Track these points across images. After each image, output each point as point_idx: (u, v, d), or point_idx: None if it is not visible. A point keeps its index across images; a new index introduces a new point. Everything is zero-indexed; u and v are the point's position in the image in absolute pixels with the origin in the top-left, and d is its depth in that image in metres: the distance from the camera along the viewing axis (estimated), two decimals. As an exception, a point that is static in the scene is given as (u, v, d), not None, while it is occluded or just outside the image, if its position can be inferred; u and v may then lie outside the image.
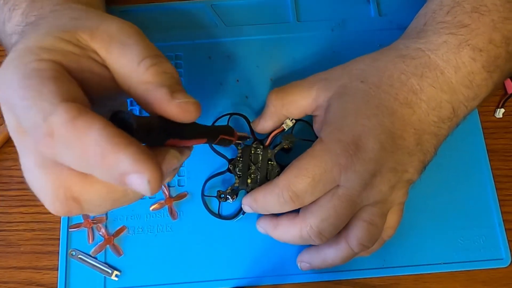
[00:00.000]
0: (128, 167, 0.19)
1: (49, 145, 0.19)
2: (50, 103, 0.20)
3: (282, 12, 0.43)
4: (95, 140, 0.19)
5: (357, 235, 0.31)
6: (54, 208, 0.22)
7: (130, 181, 0.20)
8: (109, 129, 0.19)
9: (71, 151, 0.20)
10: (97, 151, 0.19)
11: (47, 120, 0.19)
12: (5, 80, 0.22)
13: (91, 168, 0.20)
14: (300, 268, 0.35)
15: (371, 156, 0.29)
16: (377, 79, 0.31)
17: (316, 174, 0.30)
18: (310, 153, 0.31)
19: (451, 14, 0.32)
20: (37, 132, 0.20)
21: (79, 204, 0.22)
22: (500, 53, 0.31)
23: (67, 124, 0.19)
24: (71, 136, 0.19)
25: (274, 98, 0.34)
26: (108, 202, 0.23)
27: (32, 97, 0.20)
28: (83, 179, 0.21)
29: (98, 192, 0.22)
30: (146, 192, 0.20)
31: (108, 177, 0.20)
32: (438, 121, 0.31)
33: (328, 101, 0.32)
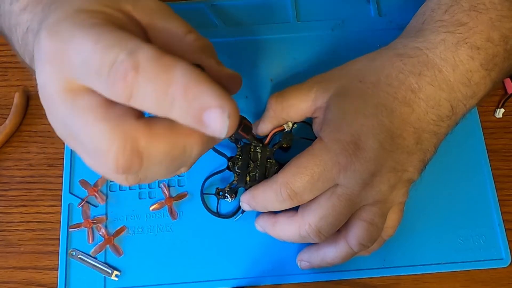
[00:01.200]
0: (210, 100, 0.19)
1: (131, 80, 0.19)
2: (134, 43, 0.19)
3: (282, 12, 0.43)
4: (181, 73, 0.19)
5: (356, 234, 0.31)
6: (116, 163, 0.21)
7: (208, 117, 0.19)
8: (194, 67, 0.20)
9: (153, 85, 0.19)
10: (182, 83, 0.19)
11: (134, 54, 0.19)
12: (61, 35, 0.21)
13: (169, 104, 0.19)
14: (299, 267, 0.36)
15: (370, 155, 0.30)
16: (375, 79, 0.31)
17: (315, 172, 0.30)
18: (309, 152, 0.31)
19: (449, 13, 0.32)
20: (118, 69, 0.19)
21: (141, 159, 0.21)
22: (498, 51, 0.31)
23: (155, 58, 0.19)
24: (157, 69, 0.19)
25: (273, 102, 0.34)
26: (168, 159, 0.22)
27: (111, 38, 0.20)
28: (149, 131, 0.21)
29: (161, 146, 0.21)
30: (222, 129, 0.19)
31: (186, 112, 0.19)
32: (437, 120, 0.31)
33: (327, 103, 0.32)
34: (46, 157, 0.39)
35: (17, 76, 0.41)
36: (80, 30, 0.20)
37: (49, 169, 0.39)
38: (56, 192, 0.38)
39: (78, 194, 0.38)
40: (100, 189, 0.38)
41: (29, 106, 0.41)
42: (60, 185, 0.38)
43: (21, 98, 0.40)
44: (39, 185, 0.39)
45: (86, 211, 0.37)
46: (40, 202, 0.38)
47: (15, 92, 0.40)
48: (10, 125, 0.39)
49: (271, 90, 0.40)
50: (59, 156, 0.39)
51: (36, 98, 0.41)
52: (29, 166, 0.39)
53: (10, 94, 0.40)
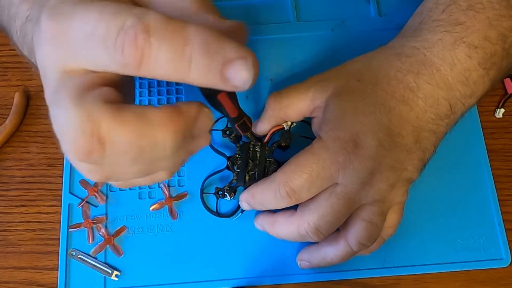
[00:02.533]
0: (232, 52, 0.19)
1: (142, 44, 0.18)
2: (140, 9, 0.19)
3: (282, 12, 0.43)
4: (196, 31, 0.19)
5: (356, 234, 0.31)
6: (75, 146, 0.20)
7: (231, 71, 0.19)
8: (206, 26, 0.19)
9: (167, 46, 0.18)
10: (200, 40, 0.18)
11: (142, 18, 0.18)
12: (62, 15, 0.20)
13: (187, 65, 0.19)
14: (299, 266, 0.36)
15: (369, 154, 0.30)
16: (373, 78, 0.31)
17: (313, 170, 0.30)
18: (308, 150, 0.31)
19: (447, 12, 0.32)
20: (127, 33, 0.18)
21: (102, 145, 0.19)
22: (496, 50, 0.31)
23: (165, 19, 0.19)
24: (170, 29, 0.18)
25: (272, 102, 0.34)
26: (134, 149, 0.20)
27: (116, 6, 0.19)
28: (114, 115, 0.19)
29: (127, 133, 0.20)
30: (246, 79, 0.19)
31: (208, 70, 0.19)
32: (436, 118, 0.31)
33: (325, 102, 0.32)
34: (46, 157, 0.39)
35: (17, 76, 0.41)
36: (82, 5, 0.20)
37: (49, 169, 0.39)
38: (56, 192, 0.38)
39: (78, 194, 0.38)
40: (100, 189, 0.38)
41: (29, 106, 0.41)
42: (60, 185, 0.38)
43: (21, 98, 0.40)
44: (39, 185, 0.39)
45: (86, 211, 0.37)
46: (40, 202, 0.38)
47: (15, 92, 0.40)
48: (10, 125, 0.39)
49: (271, 90, 0.40)
50: (59, 156, 0.39)
51: (36, 98, 0.41)
52: (29, 166, 0.39)
53: (10, 94, 0.40)
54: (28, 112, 0.41)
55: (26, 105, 0.40)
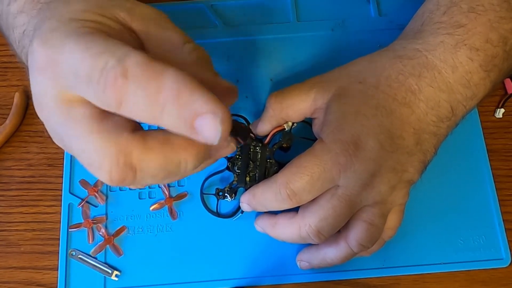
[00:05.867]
0: (202, 105, 0.19)
1: (120, 87, 0.19)
2: (122, 49, 0.19)
3: (282, 12, 0.43)
4: (171, 80, 0.19)
5: (356, 235, 0.31)
6: (109, 176, 0.21)
7: (200, 124, 0.19)
8: (184, 73, 0.19)
9: (143, 92, 0.19)
10: (172, 89, 0.19)
11: (123, 60, 0.19)
12: (52, 44, 0.21)
13: (160, 111, 0.19)
14: (299, 266, 0.36)
15: (370, 156, 0.30)
16: (375, 80, 0.31)
17: (314, 172, 0.30)
18: (309, 152, 0.31)
19: (448, 14, 0.32)
20: (108, 75, 0.19)
21: (134, 172, 0.21)
22: (497, 52, 0.31)
23: (144, 64, 0.19)
24: (147, 75, 0.19)
25: (273, 102, 0.34)
26: (162, 173, 0.22)
27: (100, 45, 0.20)
28: (142, 145, 0.21)
29: (156, 160, 0.21)
30: (214, 136, 0.19)
31: (177, 119, 0.19)
32: (437, 121, 0.31)
33: (326, 103, 0.32)
34: (46, 157, 0.39)
35: (17, 76, 0.41)
36: (70, 39, 0.20)
37: (49, 169, 0.39)
38: (56, 192, 0.38)
39: (78, 194, 0.38)
40: (100, 189, 0.38)
41: (29, 106, 0.41)
42: (60, 185, 0.38)
43: (21, 98, 0.40)
44: (39, 185, 0.39)
45: (86, 211, 0.37)
46: (40, 202, 0.38)
47: (15, 92, 0.40)
48: (10, 125, 0.39)
49: (271, 90, 0.40)
50: (59, 156, 0.39)
51: (36, 98, 0.41)
52: (29, 166, 0.39)
53: (10, 94, 0.40)
54: (28, 112, 0.41)
55: (26, 105, 0.40)
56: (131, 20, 0.24)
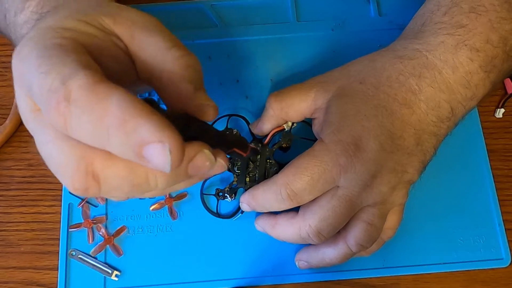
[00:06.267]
0: (148, 134, 0.18)
1: (63, 110, 0.18)
2: (70, 69, 0.19)
3: (282, 12, 0.43)
4: (116, 105, 0.18)
5: (355, 235, 0.31)
6: (72, 183, 0.20)
7: (149, 153, 0.18)
8: (130, 97, 0.18)
9: (86, 117, 0.18)
10: (117, 115, 0.18)
11: (66, 83, 0.18)
12: (22, 55, 0.21)
13: (105, 136, 0.18)
14: (298, 266, 0.36)
15: (370, 157, 0.30)
16: (375, 80, 0.31)
17: (315, 173, 0.30)
18: (310, 153, 0.31)
19: (449, 15, 0.32)
20: (51, 98, 0.18)
21: (97, 182, 0.20)
22: (497, 53, 0.31)
23: (87, 87, 0.18)
24: (90, 99, 0.18)
25: (273, 101, 0.34)
26: (127, 185, 0.21)
27: (51, 64, 0.19)
28: (104, 154, 0.20)
29: (119, 171, 0.20)
30: (164, 166, 0.18)
31: (124, 147, 0.18)
32: (437, 121, 0.31)
33: (327, 103, 0.32)
34: (46, 157, 0.39)
35: (17, 76, 0.41)
36: (35, 52, 0.20)
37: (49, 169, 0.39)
38: (56, 192, 0.38)
39: (78, 194, 0.38)
40: (100, 189, 0.38)
41: (29, 106, 0.41)
42: (60, 185, 0.38)
43: (21, 98, 0.40)
44: (39, 185, 0.39)
45: (86, 211, 0.37)
46: (40, 202, 0.38)
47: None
48: (10, 125, 0.39)
49: (271, 90, 0.40)
50: (59, 156, 0.39)
51: (36, 98, 0.41)
52: (29, 166, 0.39)
53: (10, 94, 0.40)
54: (28, 112, 0.41)
55: (26, 105, 0.40)
56: (115, 25, 0.23)
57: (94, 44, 0.22)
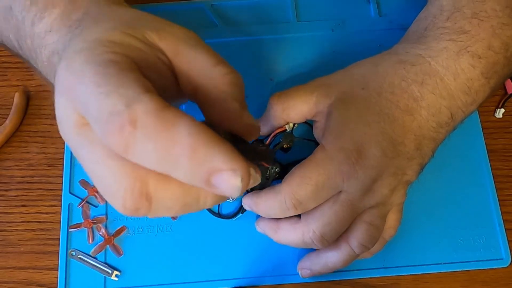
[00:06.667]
0: (220, 163, 0.18)
1: (127, 135, 0.17)
2: (134, 92, 0.18)
3: (282, 12, 0.43)
4: (185, 133, 0.18)
5: (358, 236, 0.31)
6: (123, 204, 0.20)
7: (218, 180, 0.18)
8: (200, 125, 0.18)
9: (153, 144, 0.18)
10: (187, 144, 0.17)
11: (131, 107, 0.18)
12: (75, 69, 0.20)
13: (172, 164, 0.18)
14: (301, 275, 0.35)
15: (372, 163, 0.30)
16: (378, 86, 0.31)
17: (319, 182, 0.30)
18: (312, 161, 0.30)
19: (452, 20, 0.32)
20: (114, 121, 0.18)
21: (149, 202, 0.20)
22: (498, 59, 0.31)
23: (155, 113, 0.18)
24: (158, 126, 0.17)
25: (275, 103, 0.34)
26: (178, 205, 0.21)
27: (112, 84, 0.19)
28: (159, 175, 0.19)
29: (173, 192, 0.20)
30: (234, 192, 0.18)
31: (192, 175, 0.18)
32: (437, 127, 0.31)
33: (328, 108, 0.32)
34: (46, 157, 0.39)
35: (17, 76, 0.41)
36: (89, 67, 0.20)
37: (49, 169, 0.39)
38: (56, 192, 0.38)
39: (78, 194, 0.38)
40: (100, 189, 0.38)
41: (29, 106, 0.41)
42: (60, 185, 0.38)
43: (21, 98, 0.40)
44: (39, 185, 0.39)
45: (86, 211, 0.37)
46: (40, 202, 0.38)
47: (15, 92, 0.40)
48: (10, 125, 0.39)
49: (271, 90, 0.40)
50: (59, 156, 0.39)
51: (36, 98, 0.41)
52: (29, 166, 0.39)
53: (10, 94, 0.40)
54: (28, 112, 0.41)
55: (26, 105, 0.40)
56: (159, 40, 0.23)
57: (142, 59, 0.22)
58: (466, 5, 0.32)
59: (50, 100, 0.41)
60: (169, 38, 0.23)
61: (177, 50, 0.23)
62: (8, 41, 0.31)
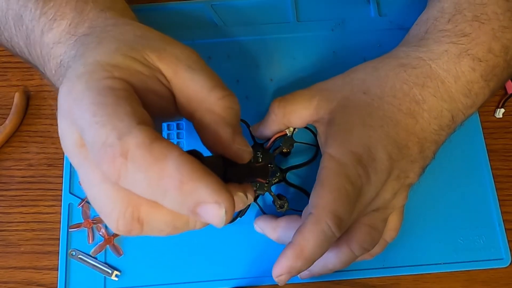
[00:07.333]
0: (205, 196, 0.19)
1: (119, 166, 0.19)
2: (126, 124, 0.19)
3: (282, 12, 0.43)
4: (174, 166, 0.19)
5: (359, 238, 0.31)
6: (116, 226, 0.21)
7: (203, 211, 0.19)
8: (187, 158, 0.19)
9: (143, 175, 0.19)
10: (175, 177, 0.19)
11: (123, 139, 0.19)
12: (74, 94, 0.21)
13: (161, 195, 0.19)
14: (299, 277, 0.35)
15: (382, 167, 0.29)
16: (379, 90, 0.31)
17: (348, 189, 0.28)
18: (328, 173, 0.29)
19: (452, 22, 0.32)
20: (107, 151, 0.19)
21: (141, 225, 0.21)
22: (498, 62, 0.31)
23: (145, 146, 0.19)
24: (147, 159, 0.19)
25: (276, 107, 0.34)
26: (169, 228, 0.22)
27: (106, 114, 0.20)
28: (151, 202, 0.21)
29: (164, 217, 0.21)
30: (218, 223, 0.20)
31: (179, 205, 0.19)
32: (439, 129, 0.31)
33: (330, 113, 0.32)
34: (46, 157, 0.39)
35: (17, 76, 0.41)
36: (88, 95, 0.21)
37: (49, 169, 0.39)
38: (56, 192, 0.38)
39: (78, 194, 0.38)
40: (100, 189, 0.38)
41: (29, 106, 0.41)
42: (60, 185, 0.38)
43: (21, 98, 0.40)
44: (39, 185, 0.39)
45: (86, 211, 0.37)
46: (40, 202, 0.38)
47: (15, 92, 0.40)
48: (10, 125, 0.39)
49: (271, 90, 0.40)
50: (59, 156, 0.39)
51: (36, 98, 0.41)
52: (29, 166, 0.39)
53: (10, 94, 0.40)
54: (28, 112, 0.41)
55: (26, 105, 0.40)
56: (159, 61, 0.24)
57: (141, 81, 0.23)
58: (467, 7, 0.32)
59: (50, 100, 0.41)
60: (168, 58, 0.24)
61: (176, 71, 0.24)
62: (19, 47, 0.32)
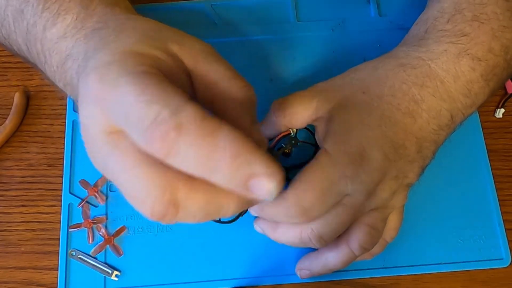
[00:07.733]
0: (259, 168, 0.19)
1: (171, 141, 0.18)
2: (178, 101, 0.19)
3: (282, 12, 0.43)
4: (227, 139, 0.19)
5: (358, 238, 0.31)
6: (152, 210, 0.21)
7: (255, 184, 0.19)
8: (239, 132, 0.19)
9: (195, 150, 0.18)
10: (230, 150, 0.18)
11: (177, 114, 0.19)
12: (107, 80, 0.21)
13: (212, 169, 0.19)
14: (299, 276, 0.35)
15: (375, 167, 0.29)
16: (378, 90, 0.31)
17: (324, 187, 0.29)
18: (316, 166, 0.30)
19: (452, 22, 0.32)
20: (158, 127, 0.18)
21: (176, 210, 0.21)
22: (498, 62, 0.31)
23: (200, 120, 0.19)
24: (201, 132, 0.18)
25: (276, 109, 0.34)
26: (202, 213, 0.21)
27: (154, 94, 0.19)
28: (190, 184, 0.20)
29: (199, 201, 0.21)
30: (270, 195, 0.19)
31: (231, 179, 0.19)
32: (438, 129, 0.31)
33: (329, 113, 0.32)
34: (46, 157, 0.39)
35: (17, 76, 0.42)
36: (125, 78, 0.20)
37: (49, 169, 0.39)
38: (56, 192, 0.38)
39: (78, 194, 0.38)
40: (100, 189, 0.38)
41: (29, 106, 0.41)
42: (60, 185, 0.38)
43: (21, 98, 0.40)
44: (39, 185, 0.39)
45: (86, 211, 0.37)
46: (40, 202, 0.38)
47: (15, 92, 0.40)
48: (10, 125, 0.39)
49: (271, 90, 0.40)
50: (59, 156, 0.39)
51: (36, 98, 0.41)
52: (29, 166, 0.39)
53: (10, 94, 0.40)
54: (28, 112, 0.41)
55: (26, 105, 0.40)
56: (180, 51, 0.24)
57: (167, 70, 0.23)
58: (467, 7, 0.32)
59: (50, 100, 0.41)
60: (188, 49, 0.24)
61: (197, 62, 0.24)
62: (17, 44, 0.31)
